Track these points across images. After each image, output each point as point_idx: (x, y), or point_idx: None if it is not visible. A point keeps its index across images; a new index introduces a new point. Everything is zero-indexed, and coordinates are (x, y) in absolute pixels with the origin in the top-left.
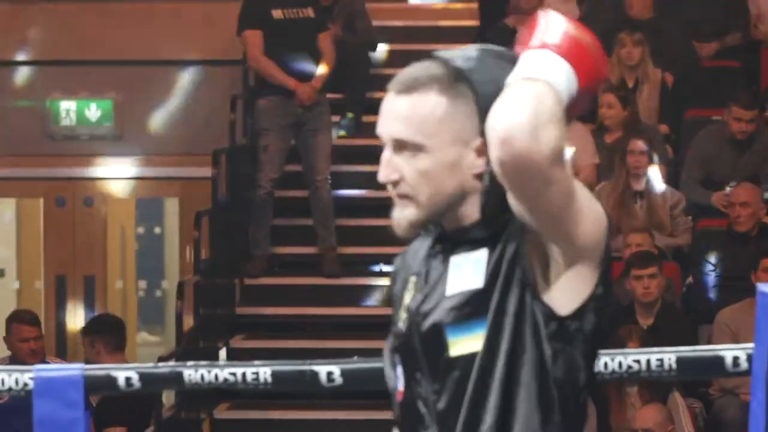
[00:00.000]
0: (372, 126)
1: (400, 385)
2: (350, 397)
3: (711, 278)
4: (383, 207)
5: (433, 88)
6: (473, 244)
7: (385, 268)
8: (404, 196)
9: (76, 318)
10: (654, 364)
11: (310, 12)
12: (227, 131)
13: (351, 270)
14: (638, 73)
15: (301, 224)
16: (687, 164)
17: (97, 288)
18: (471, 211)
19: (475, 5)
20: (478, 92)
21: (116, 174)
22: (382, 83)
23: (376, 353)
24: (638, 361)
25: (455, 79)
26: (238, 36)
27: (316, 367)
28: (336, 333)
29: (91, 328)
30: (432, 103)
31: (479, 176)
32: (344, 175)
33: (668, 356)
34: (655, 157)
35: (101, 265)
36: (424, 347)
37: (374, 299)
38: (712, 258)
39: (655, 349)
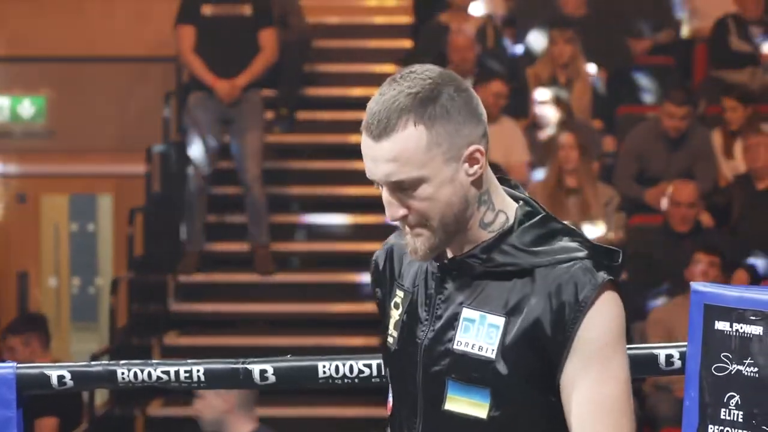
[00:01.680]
0: (306, 123)
1: (390, 397)
2: (286, 393)
3: (645, 274)
4: (318, 204)
5: (408, 122)
6: (474, 277)
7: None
8: (415, 226)
9: (8, 315)
10: None
11: (246, 9)
12: (161, 128)
13: (284, 266)
14: (570, 70)
15: (234, 221)
16: (620, 160)
17: (31, 285)
18: (473, 224)
19: (409, 2)
20: (448, 108)
21: (49, 171)
22: (316, 79)
23: (309, 351)
24: None
25: (423, 105)
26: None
27: (249, 366)
28: (269, 330)
29: (13, 328)
30: (414, 137)
31: (476, 182)
32: (278, 172)
33: None
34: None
35: (34, 262)
36: (424, 390)
37: (307, 296)
38: (646, 254)
39: None
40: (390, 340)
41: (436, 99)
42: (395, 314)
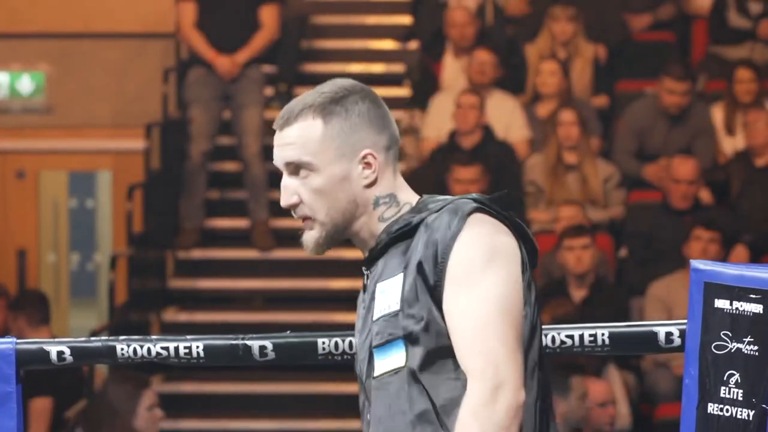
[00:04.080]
0: None
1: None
2: (282, 369)
3: (644, 251)
4: None
5: (309, 114)
6: (387, 252)
7: None
8: (306, 218)
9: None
10: (587, 339)
11: None
12: (160, 104)
13: (283, 243)
14: (570, 47)
15: (234, 197)
16: (620, 136)
17: (29, 261)
18: (370, 221)
19: None
20: (348, 109)
21: (48, 147)
22: (314, 56)
23: (309, 327)
24: (571, 337)
25: (326, 102)
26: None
27: (249, 342)
28: (268, 306)
29: (13, 304)
30: (311, 126)
31: (369, 185)
32: None
33: (601, 332)
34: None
35: (34, 238)
36: (366, 375)
37: (306, 272)
38: (646, 231)
39: (588, 324)
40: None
41: (340, 100)
42: (358, 323)
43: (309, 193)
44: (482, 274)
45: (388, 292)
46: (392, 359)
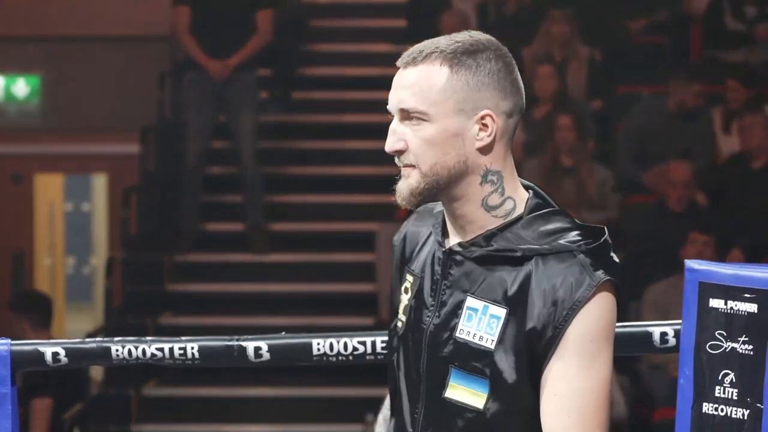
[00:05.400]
0: (301, 102)
1: (403, 386)
2: (276, 372)
3: (640, 254)
4: (313, 183)
5: (437, 60)
6: (477, 262)
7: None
8: (408, 166)
9: (3, 295)
10: None
11: None
12: (156, 107)
13: (279, 246)
14: (566, 49)
15: (229, 201)
16: (622, 139)
17: (25, 265)
18: (472, 199)
19: None
20: (479, 64)
21: (44, 150)
22: (311, 59)
23: (304, 331)
24: None
25: (457, 52)
26: None
27: (243, 343)
28: (264, 310)
29: (16, 305)
30: (435, 73)
31: (483, 150)
32: (273, 151)
33: None
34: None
35: (29, 242)
36: (428, 375)
37: (302, 276)
38: (641, 234)
39: None
40: (399, 324)
41: (473, 53)
42: (405, 299)
43: (418, 141)
44: (597, 353)
45: (483, 320)
46: (471, 395)
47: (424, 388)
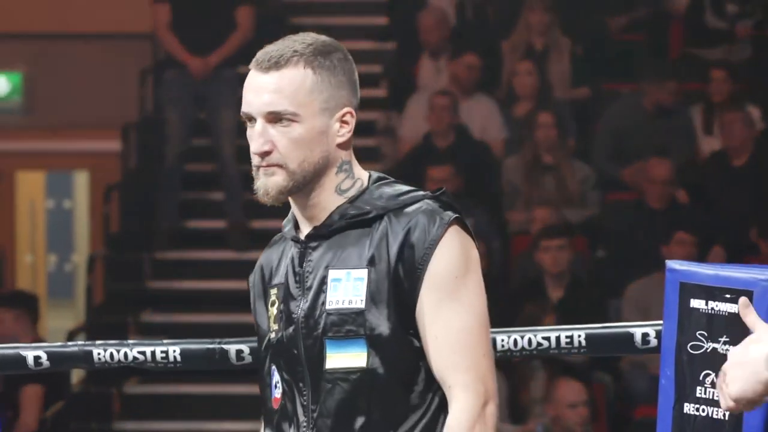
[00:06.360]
0: None
1: (277, 393)
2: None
3: (620, 252)
4: None
5: (299, 62)
6: (332, 236)
7: None
8: (273, 165)
9: None
10: (563, 341)
11: None
12: (137, 105)
13: (260, 243)
14: (547, 39)
15: (210, 198)
16: (599, 136)
17: (7, 262)
18: (328, 188)
19: None
20: (335, 64)
21: (25, 148)
22: None
23: None
24: (548, 339)
25: (316, 54)
26: None
27: (225, 346)
28: (245, 307)
29: (2, 302)
30: (301, 75)
31: (342, 145)
32: None
33: (578, 333)
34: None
35: (10, 239)
36: (307, 357)
37: None
38: (622, 231)
39: (565, 326)
40: (272, 335)
41: (328, 54)
42: (273, 311)
43: (287, 142)
44: (464, 286)
45: (348, 285)
46: (350, 358)
47: (307, 372)
